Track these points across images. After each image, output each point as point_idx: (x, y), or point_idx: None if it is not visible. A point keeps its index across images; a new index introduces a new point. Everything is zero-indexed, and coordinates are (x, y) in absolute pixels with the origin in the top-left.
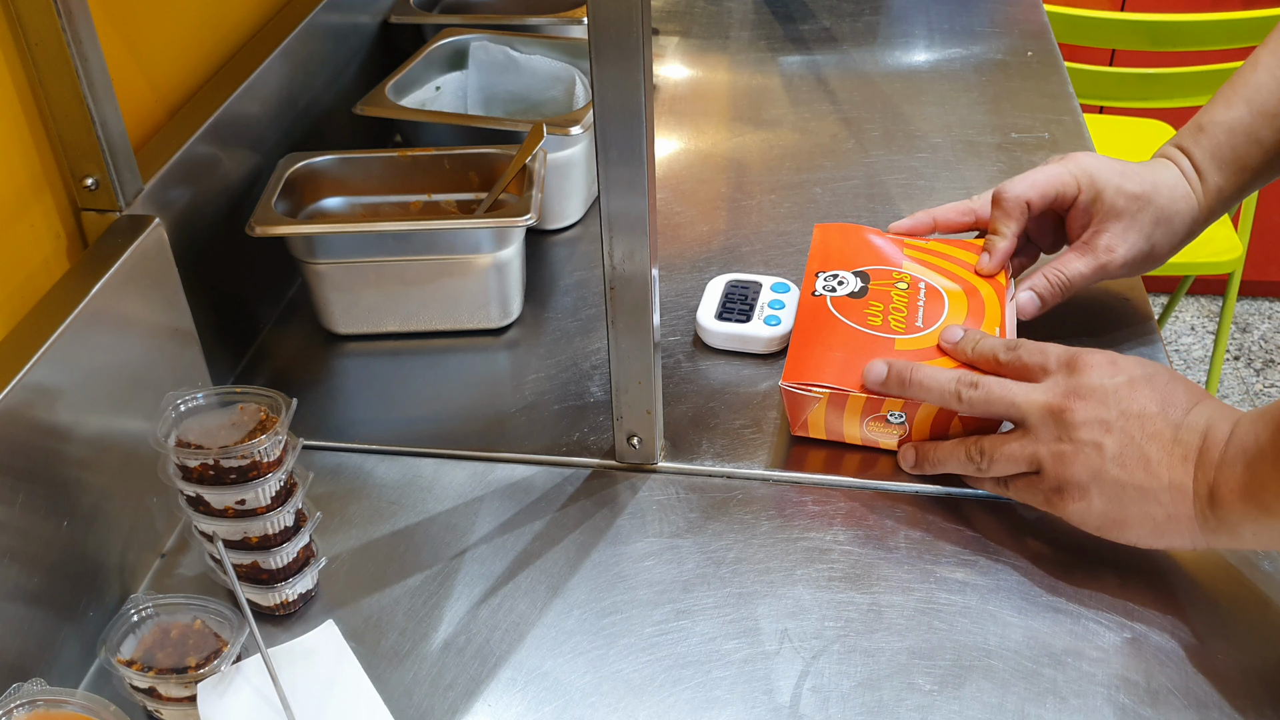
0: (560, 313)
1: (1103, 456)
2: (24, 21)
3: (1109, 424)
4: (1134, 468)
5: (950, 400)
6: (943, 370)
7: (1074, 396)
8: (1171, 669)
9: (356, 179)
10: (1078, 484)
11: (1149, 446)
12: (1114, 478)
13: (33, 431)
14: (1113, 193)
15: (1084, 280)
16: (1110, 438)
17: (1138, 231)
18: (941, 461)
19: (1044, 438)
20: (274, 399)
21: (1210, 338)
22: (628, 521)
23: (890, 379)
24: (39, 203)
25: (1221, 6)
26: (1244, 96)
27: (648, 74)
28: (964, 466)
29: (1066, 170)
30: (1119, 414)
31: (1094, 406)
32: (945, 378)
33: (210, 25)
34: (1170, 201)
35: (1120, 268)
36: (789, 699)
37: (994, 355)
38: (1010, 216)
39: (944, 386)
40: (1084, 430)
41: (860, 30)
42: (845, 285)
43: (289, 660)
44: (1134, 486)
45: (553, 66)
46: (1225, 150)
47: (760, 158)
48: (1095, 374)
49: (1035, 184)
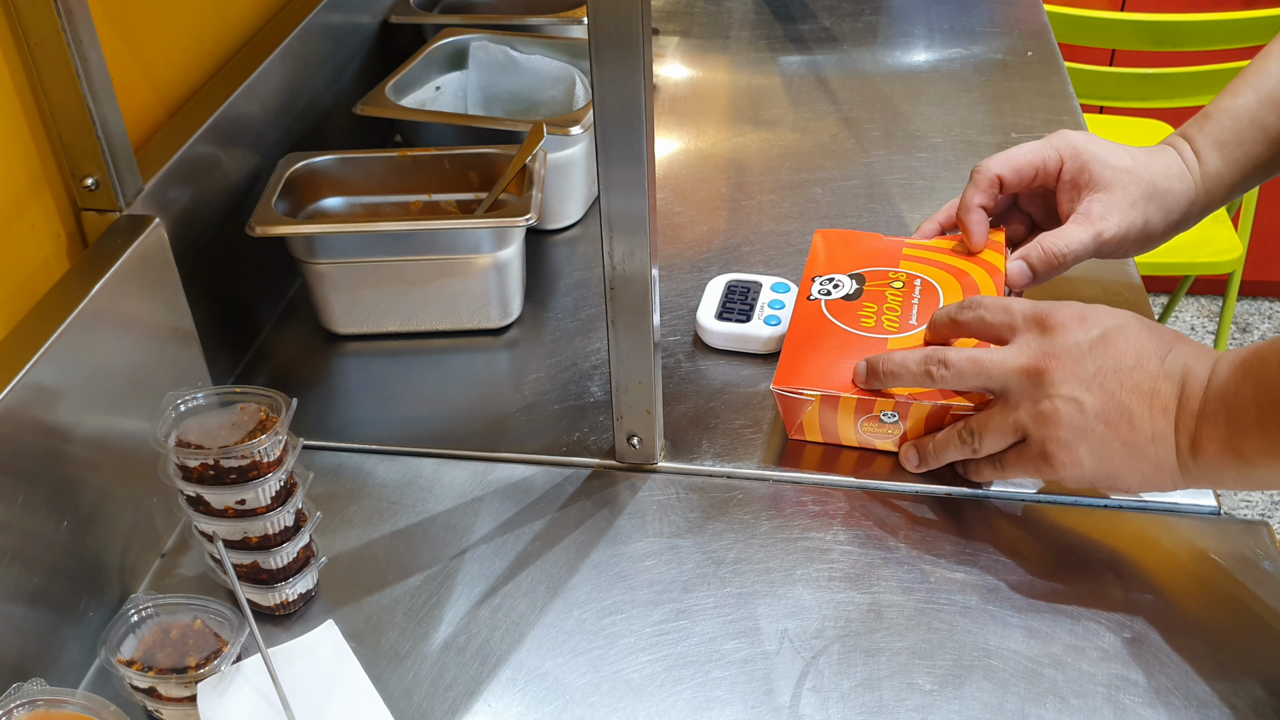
0: (560, 313)
1: (1084, 414)
2: (24, 21)
3: (1087, 381)
4: (1118, 423)
5: (923, 380)
6: (910, 352)
7: (1049, 357)
8: (1171, 669)
9: (356, 179)
10: (1064, 443)
11: (1129, 400)
12: (1100, 435)
13: (33, 431)
14: (1099, 165)
15: (1082, 250)
16: (1090, 394)
17: (1129, 204)
18: (940, 452)
19: (1023, 401)
20: (274, 399)
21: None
22: (628, 521)
23: (869, 373)
24: (39, 203)
25: (1221, 6)
26: (1252, 85)
27: (648, 74)
28: (960, 451)
29: (1048, 144)
30: (1095, 370)
31: (1070, 364)
32: (913, 359)
33: (210, 25)
34: (1163, 178)
35: (1114, 241)
36: (789, 699)
37: (948, 319)
38: (978, 188)
39: (913, 369)
40: (1063, 387)
41: (860, 30)
42: (840, 288)
43: (289, 660)
44: (1120, 442)
45: (553, 66)
46: (1228, 134)
47: (760, 158)
48: (1068, 333)
49: (1010, 159)
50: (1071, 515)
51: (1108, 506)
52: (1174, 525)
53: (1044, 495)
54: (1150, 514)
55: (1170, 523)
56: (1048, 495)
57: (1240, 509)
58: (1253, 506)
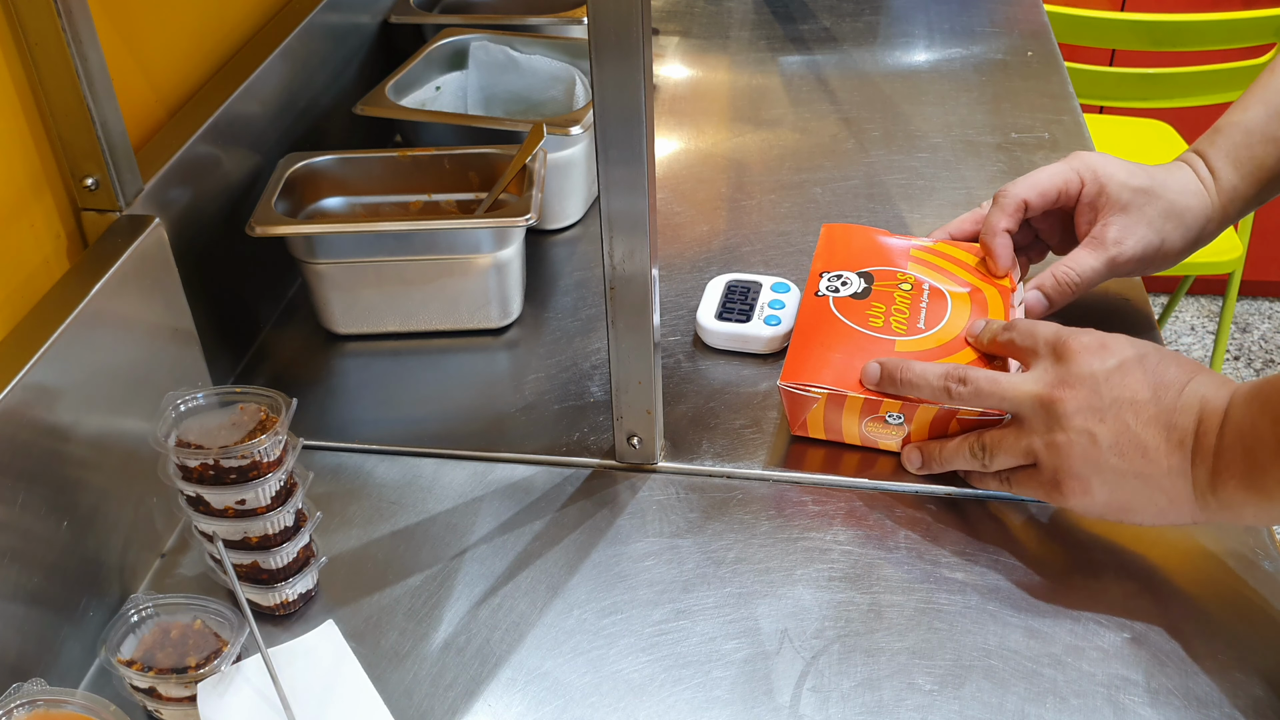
0: (560, 313)
1: (1098, 447)
2: (24, 21)
3: (1101, 412)
4: (1132, 456)
5: (940, 396)
6: (931, 366)
7: (1063, 386)
8: (1171, 669)
9: (356, 179)
10: (1076, 476)
11: (1145, 433)
12: (1113, 467)
13: (33, 431)
14: (1117, 186)
15: (1095, 276)
16: (1104, 426)
17: (1146, 224)
18: (947, 460)
19: (1037, 429)
20: (274, 399)
21: (1210, 338)
22: (628, 521)
23: (883, 378)
24: (39, 203)
25: (1221, 6)
26: (1261, 98)
27: (648, 74)
28: (968, 463)
29: (1069, 166)
30: (1111, 401)
31: (1084, 395)
32: (933, 374)
33: (210, 25)
34: (1180, 196)
35: (1131, 262)
36: (789, 699)
37: (993, 338)
38: (1004, 212)
39: (933, 383)
40: (1076, 419)
41: (860, 30)
42: (849, 286)
43: (289, 660)
44: (1134, 475)
45: (553, 66)
46: (1241, 149)
47: (760, 158)
48: (1084, 361)
49: (1036, 183)
50: (1072, 515)
51: None
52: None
53: None
54: None
55: None
56: None
57: None
58: None
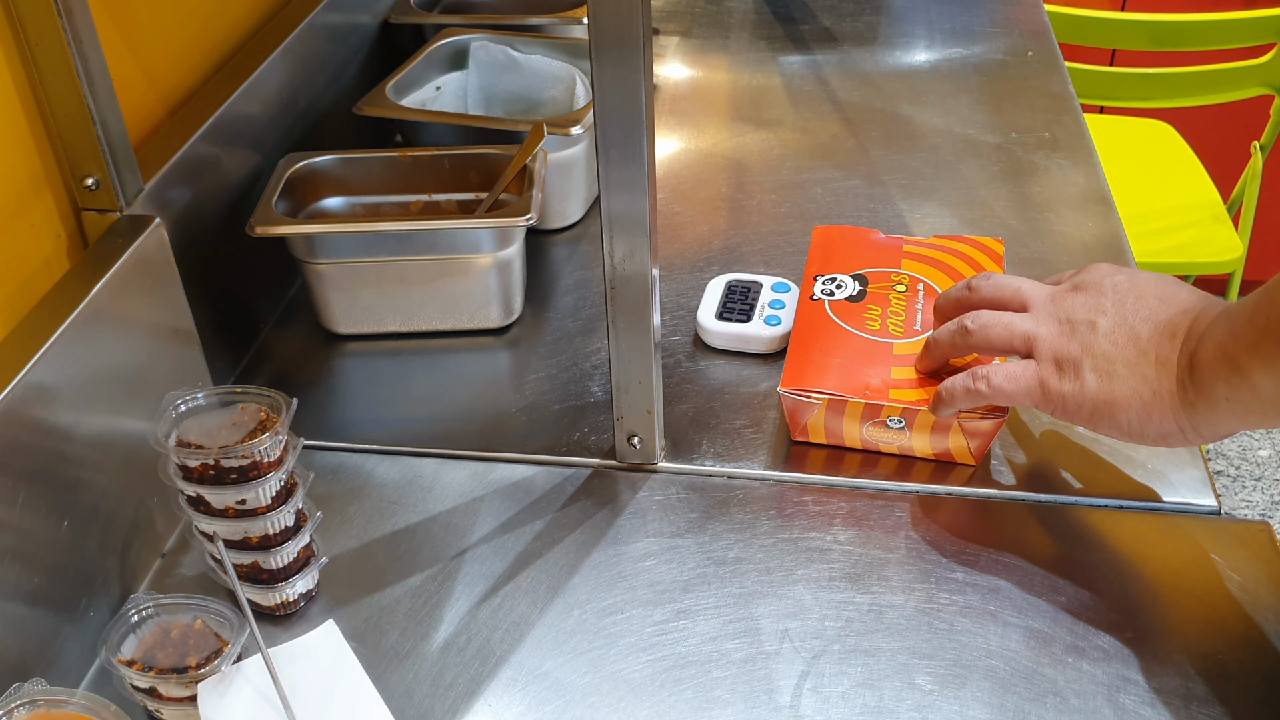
0: (560, 313)
1: (1095, 333)
2: (24, 21)
3: (1104, 308)
4: (1124, 343)
5: (959, 336)
6: (956, 378)
7: (1075, 288)
8: (1171, 669)
9: (356, 179)
10: (1071, 359)
11: (1140, 325)
12: (1104, 351)
13: (33, 431)
14: None
15: None
16: (1104, 317)
17: None
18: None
19: (1043, 317)
20: (274, 399)
21: None
22: (628, 521)
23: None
24: (39, 203)
25: (1221, 6)
26: None
27: (648, 74)
28: (967, 380)
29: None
30: (1115, 300)
31: (1093, 294)
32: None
33: (210, 25)
34: None
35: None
36: (789, 699)
37: (958, 296)
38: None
39: (950, 331)
40: (1080, 311)
41: (860, 30)
42: (844, 289)
43: (289, 660)
44: (1122, 360)
45: (553, 66)
46: None
47: (760, 158)
48: (1097, 271)
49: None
50: (1072, 515)
51: (1108, 506)
52: (1174, 525)
53: (1044, 496)
54: (1150, 514)
55: (1170, 523)
56: (1048, 495)
57: (1241, 509)
58: (1253, 507)
